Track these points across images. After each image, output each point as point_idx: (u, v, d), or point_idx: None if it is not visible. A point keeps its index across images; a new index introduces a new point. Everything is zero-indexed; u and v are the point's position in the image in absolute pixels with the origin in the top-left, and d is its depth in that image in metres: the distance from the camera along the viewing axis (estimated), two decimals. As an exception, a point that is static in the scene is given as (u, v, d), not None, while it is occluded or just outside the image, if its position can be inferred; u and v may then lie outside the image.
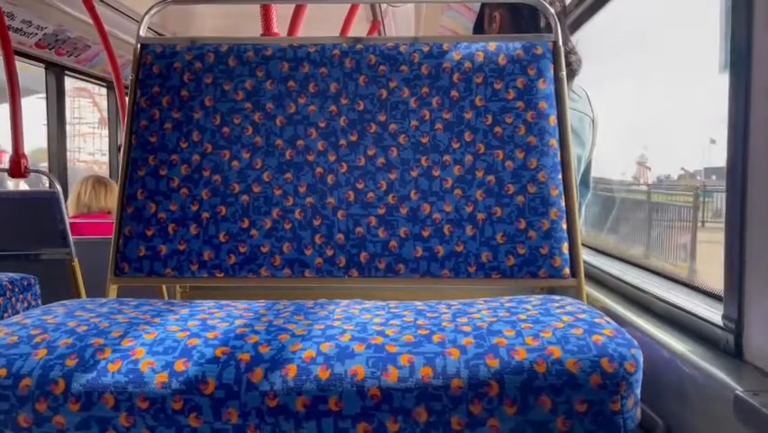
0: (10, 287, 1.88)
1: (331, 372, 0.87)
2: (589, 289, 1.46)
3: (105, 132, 5.14)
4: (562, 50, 1.46)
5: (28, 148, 2.59)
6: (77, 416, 0.87)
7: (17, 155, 2.56)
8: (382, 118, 1.44)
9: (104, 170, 5.31)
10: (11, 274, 1.96)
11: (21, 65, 3.22)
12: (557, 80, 1.44)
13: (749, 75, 0.92)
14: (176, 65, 1.48)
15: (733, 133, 0.95)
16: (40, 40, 3.57)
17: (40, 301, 2.04)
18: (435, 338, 0.92)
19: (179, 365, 0.88)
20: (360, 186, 1.42)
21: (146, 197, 1.43)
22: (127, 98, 1.51)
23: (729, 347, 0.97)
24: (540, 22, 1.84)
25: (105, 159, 5.46)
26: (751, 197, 0.92)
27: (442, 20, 4.06)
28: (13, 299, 1.88)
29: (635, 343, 0.90)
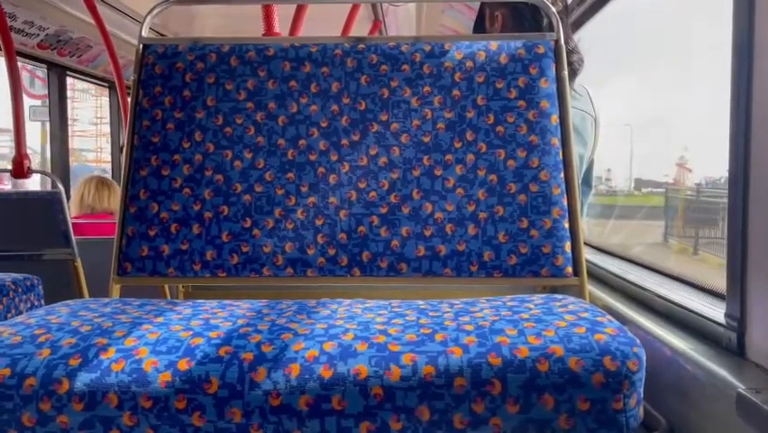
0: (13, 287, 1.88)
1: (334, 371, 0.87)
2: (591, 287, 1.46)
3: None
4: (564, 48, 1.46)
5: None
6: (80, 415, 0.87)
7: (20, 156, 2.57)
8: (384, 118, 1.44)
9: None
10: (14, 275, 1.96)
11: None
12: (559, 79, 1.44)
13: (750, 75, 0.93)
14: (178, 65, 1.48)
15: (735, 132, 0.96)
16: (42, 40, 3.58)
17: (43, 302, 2.04)
18: (438, 337, 0.92)
19: (183, 365, 0.88)
20: (362, 185, 1.42)
21: (148, 197, 1.43)
22: (129, 99, 1.52)
23: (732, 345, 0.97)
24: (542, 21, 1.84)
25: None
26: (753, 194, 0.93)
27: (443, 19, 4.06)
28: (17, 300, 1.89)
29: (638, 341, 0.90)
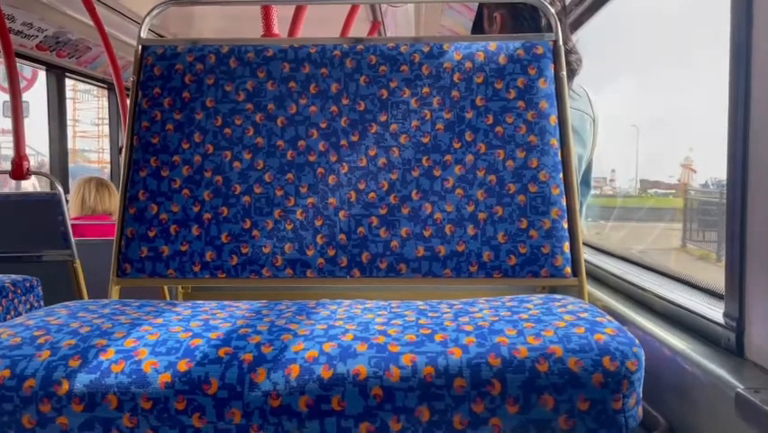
0: (12, 289, 1.88)
1: (333, 371, 0.87)
2: (590, 288, 1.46)
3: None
4: (563, 49, 1.46)
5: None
6: (80, 417, 0.87)
7: (19, 157, 2.57)
8: (383, 118, 1.44)
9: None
10: (13, 276, 1.97)
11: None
12: (557, 80, 1.44)
13: (749, 75, 0.93)
14: (177, 66, 1.48)
15: (733, 130, 0.96)
16: (41, 42, 3.58)
17: (42, 303, 2.04)
18: (437, 338, 0.92)
19: (182, 366, 0.89)
20: (361, 186, 1.42)
21: (148, 198, 1.43)
22: (128, 100, 1.52)
23: (730, 345, 0.98)
24: (540, 22, 1.85)
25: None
26: (752, 194, 0.93)
27: (442, 20, 4.07)
28: (16, 301, 1.89)
29: (637, 341, 0.90)
